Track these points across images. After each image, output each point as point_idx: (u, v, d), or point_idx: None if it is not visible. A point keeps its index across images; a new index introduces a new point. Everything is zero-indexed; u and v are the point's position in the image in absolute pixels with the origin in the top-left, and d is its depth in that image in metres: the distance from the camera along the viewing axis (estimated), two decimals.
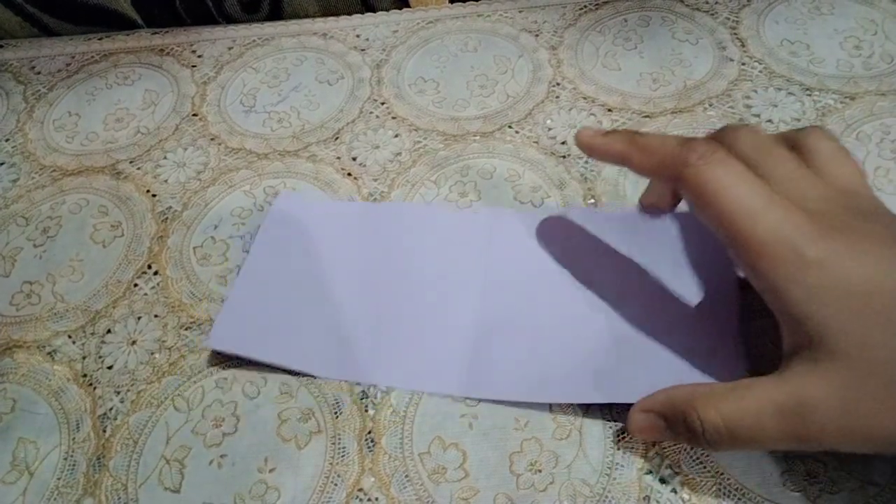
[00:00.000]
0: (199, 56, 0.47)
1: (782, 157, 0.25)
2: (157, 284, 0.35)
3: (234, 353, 0.31)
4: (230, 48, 0.47)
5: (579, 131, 0.29)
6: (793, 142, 0.26)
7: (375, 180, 0.38)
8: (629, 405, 0.27)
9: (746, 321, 0.29)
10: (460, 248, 0.34)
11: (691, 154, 0.24)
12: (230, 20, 0.50)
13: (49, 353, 0.33)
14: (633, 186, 0.36)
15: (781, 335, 0.23)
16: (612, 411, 0.29)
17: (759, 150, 0.25)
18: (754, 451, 0.26)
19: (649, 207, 0.33)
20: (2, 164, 0.41)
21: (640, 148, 0.26)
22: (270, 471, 0.28)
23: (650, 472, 0.27)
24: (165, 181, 0.39)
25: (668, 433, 0.25)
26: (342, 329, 0.31)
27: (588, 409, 0.29)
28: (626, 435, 0.28)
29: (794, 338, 0.23)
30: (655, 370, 0.28)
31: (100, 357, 0.32)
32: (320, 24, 0.48)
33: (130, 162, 0.41)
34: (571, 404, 0.29)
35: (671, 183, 0.27)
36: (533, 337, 0.30)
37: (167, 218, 0.38)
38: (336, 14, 0.49)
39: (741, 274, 0.26)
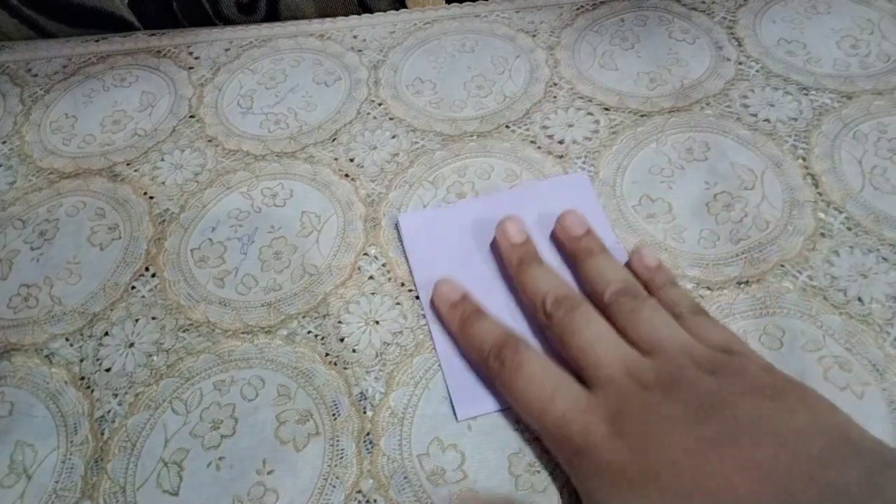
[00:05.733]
0: (196, 58, 0.47)
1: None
2: (155, 287, 0.35)
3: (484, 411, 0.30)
4: (227, 50, 0.47)
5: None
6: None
7: (373, 181, 0.38)
8: None
9: None
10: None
11: (493, 361, 0.28)
12: (227, 22, 0.50)
13: (46, 356, 0.33)
14: (631, 186, 0.36)
15: None
16: None
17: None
18: None
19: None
20: None
21: (466, 340, 0.30)
22: (269, 473, 0.28)
23: None
24: (163, 183, 0.39)
25: None
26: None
27: None
28: None
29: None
30: None
31: (97, 360, 0.32)
32: (317, 25, 0.48)
33: (127, 164, 0.41)
34: None
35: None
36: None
37: (164, 220, 0.37)
38: (333, 15, 0.49)
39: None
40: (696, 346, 0.27)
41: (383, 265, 0.34)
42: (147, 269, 0.35)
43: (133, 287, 0.35)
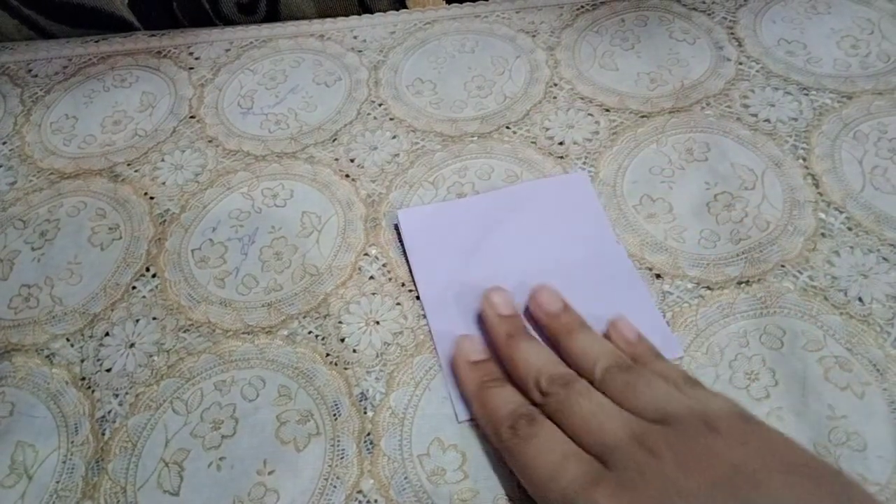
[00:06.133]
0: (197, 58, 0.47)
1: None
2: (156, 287, 0.35)
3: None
4: (227, 50, 0.47)
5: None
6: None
7: (373, 181, 0.38)
8: None
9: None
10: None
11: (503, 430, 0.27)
12: (227, 22, 0.50)
13: (47, 357, 0.33)
14: (631, 186, 0.36)
15: None
16: None
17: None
18: None
19: None
20: None
21: (480, 403, 0.28)
22: (269, 473, 0.28)
23: None
24: (163, 184, 0.39)
25: None
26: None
27: None
28: None
29: None
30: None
31: (98, 360, 0.32)
32: (317, 25, 0.48)
33: (128, 164, 0.41)
34: None
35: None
36: None
37: (165, 220, 0.37)
38: (333, 15, 0.49)
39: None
40: (708, 412, 0.25)
41: (384, 265, 0.34)
42: (148, 269, 0.35)
43: (134, 287, 0.35)
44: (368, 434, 0.29)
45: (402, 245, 0.35)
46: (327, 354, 0.31)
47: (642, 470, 0.23)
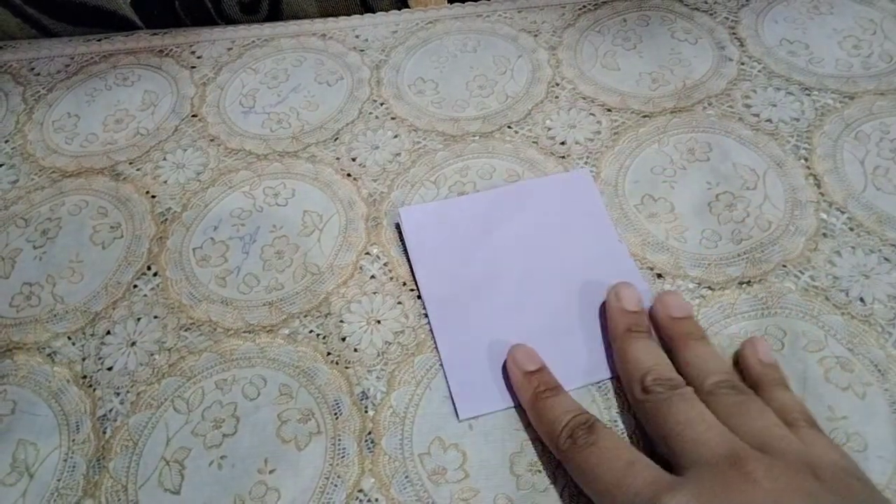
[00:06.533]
0: (199, 57, 0.47)
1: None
2: (157, 286, 0.35)
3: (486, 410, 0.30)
4: (229, 49, 0.47)
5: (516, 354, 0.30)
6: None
7: (375, 181, 0.38)
8: (628, 406, 0.28)
9: None
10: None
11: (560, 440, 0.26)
12: (229, 21, 0.50)
13: (49, 355, 0.33)
14: (632, 186, 0.36)
15: None
16: (611, 411, 0.29)
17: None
18: None
19: None
20: (1, 165, 0.41)
21: (537, 413, 0.28)
22: (270, 472, 0.28)
23: None
24: (165, 182, 0.39)
25: None
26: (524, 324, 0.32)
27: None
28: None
29: None
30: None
31: (99, 358, 0.32)
32: (319, 24, 0.48)
33: (130, 163, 0.41)
34: None
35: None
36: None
37: (167, 219, 0.38)
38: (335, 15, 0.49)
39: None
40: (816, 460, 0.23)
41: (385, 264, 0.34)
42: (149, 267, 0.35)
43: (135, 286, 0.35)
44: (369, 433, 0.29)
45: (404, 244, 0.35)
46: (328, 353, 0.31)
47: (729, 489, 0.22)
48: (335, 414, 0.30)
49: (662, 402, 0.26)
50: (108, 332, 0.33)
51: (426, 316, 0.32)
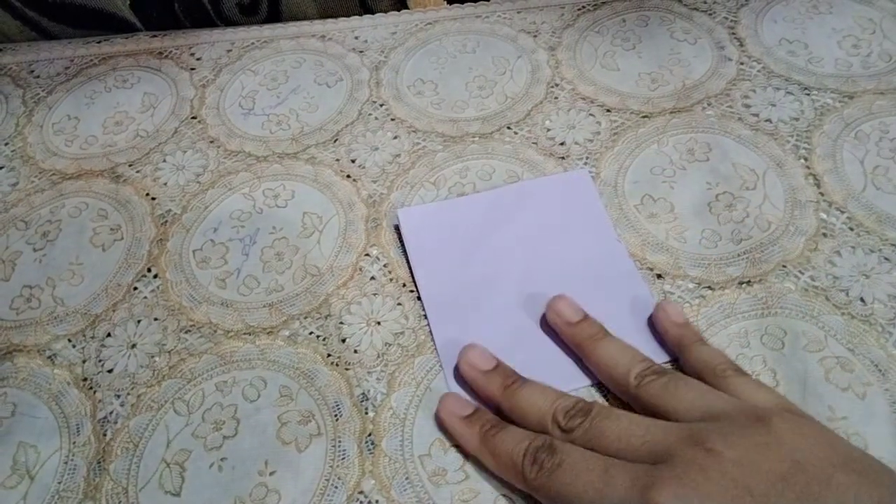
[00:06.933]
0: (198, 59, 0.47)
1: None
2: (157, 288, 0.35)
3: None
4: (229, 51, 0.47)
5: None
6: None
7: (374, 182, 0.38)
8: (630, 407, 0.28)
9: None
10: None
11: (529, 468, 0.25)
12: (229, 23, 0.50)
13: (49, 357, 0.33)
14: (632, 186, 0.36)
15: None
16: None
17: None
18: None
19: None
20: (1, 167, 0.41)
21: (490, 453, 0.27)
22: (271, 474, 0.28)
23: None
24: (165, 184, 0.39)
25: None
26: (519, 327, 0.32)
27: None
28: None
29: None
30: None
31: (100, 361, 0.32)
32: (319, 26, 0.48)
33: (129, 165, 0.41)
34: None
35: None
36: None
37: (166, 221, 0.38)
38: (334, 16, 0.49)
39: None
40: (756, 407, 0.24)
41: (385, 266, 0.34)
42: (149, 270, 0.35)
43: (135, 288, 0.35)
44: (370, 434, 0.29)
45: (403, 245, 0.35)
46: (328, 355, 0.31)
47: (704, 468, 0.22)
48: (335, 415, 0.30)
49: (590, 429, 0.26)
50: (109, 335, 0.33)
51: (426, 317, 0.32)
